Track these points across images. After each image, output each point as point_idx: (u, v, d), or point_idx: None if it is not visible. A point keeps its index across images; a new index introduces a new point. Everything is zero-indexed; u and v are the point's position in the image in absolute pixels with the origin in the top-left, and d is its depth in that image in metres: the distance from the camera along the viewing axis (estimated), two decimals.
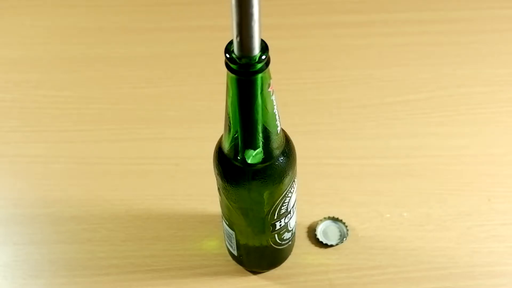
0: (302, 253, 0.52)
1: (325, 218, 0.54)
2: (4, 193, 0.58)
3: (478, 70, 0.70)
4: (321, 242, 0.53)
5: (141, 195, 0.57)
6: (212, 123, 0.61)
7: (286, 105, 0.64)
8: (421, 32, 0.76)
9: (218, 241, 0.53)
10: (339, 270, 0.51)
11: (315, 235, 0.53)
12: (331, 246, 0.52)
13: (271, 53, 0.34)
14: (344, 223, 0.54)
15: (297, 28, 0.75)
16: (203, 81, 0.69)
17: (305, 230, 0.54)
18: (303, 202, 0.54)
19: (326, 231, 0.54)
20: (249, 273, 0.51)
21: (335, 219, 0.54)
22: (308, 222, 0.55)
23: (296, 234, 0.52)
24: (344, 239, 0.53)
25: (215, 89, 0.68)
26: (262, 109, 0.35)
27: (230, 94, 0.35)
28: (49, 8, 0.80)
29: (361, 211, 0.55)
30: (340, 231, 0.54)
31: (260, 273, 0.51)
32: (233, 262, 0.52)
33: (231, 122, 0.37)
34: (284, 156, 0.40)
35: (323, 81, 0.69)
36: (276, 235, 0.45)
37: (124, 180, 0.58)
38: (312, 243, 0.53)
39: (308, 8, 0.79)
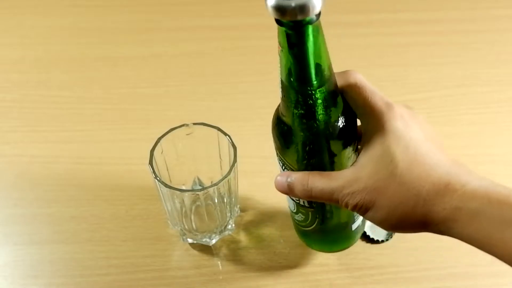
0: (302, 253, 0.52)
1: None
2: (4, 193, 0.58)
3: (478, 70, 0.70)
4: (371, 238, 0.53)
5: (141, 195, 0.57)
6: (212, 123, 0.61)
7: None
8: (421, 32, 0.76)
9: (219, 241, 0.53)
10: (339, 270, 0.51)
11: (365, 232, 0.53)
12: (382, 242, 0.52)
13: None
14: None
15: None
16: (203, 81, 0.69)
17: None
18: None
19: (374, 227, 0.53)
20: (248, 272, 0.51)
21: None
22: None
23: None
24: (393, 234, 0.53)
25: (215, 89, 0.68)
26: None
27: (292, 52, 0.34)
28: (49, 8, 0.80)
29: None
30: None
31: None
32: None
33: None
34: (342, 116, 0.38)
35: None
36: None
37: (124, 180, 0.58)
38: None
39: None
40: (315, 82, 0.36)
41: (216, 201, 0.51)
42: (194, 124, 0.50)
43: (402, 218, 0.35)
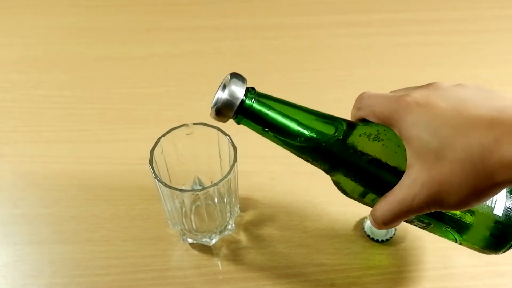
0: (302, 252, 0.52)
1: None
2: (4, 193, 0.58)
3: (478, 70, 0.70)
4: (371, 238, 0.53)
5: (141, 195, 0.57)
6: (212, 123, 0.61)
7: None
8: (421, 32, 0.76)
9: (219, 241, 0.53)
10: (340, 270, 0.51)
11: (365, 232, 0.53)
12: (382, 242, 0.53)
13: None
14: None
15: (297, 28, 0.75)
16: (203, 81, 0.69)
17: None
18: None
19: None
20: (248, 272, 0.51)
21: None
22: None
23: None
24: (393, 234, 0.53)
25: (215, 89, 0.68)
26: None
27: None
28: (49, 8, 0.80)
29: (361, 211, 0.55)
30: None
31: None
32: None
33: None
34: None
35: (323, 81, 0.69)
36: None
37: (124, 180, 0.58)
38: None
39: (308, 8, 0.79)
40: (309, 135, 0.36)
41: (216, 201, 0.51)
42: (194, 124, 0.50)
43: (473, 192, 0.33)
